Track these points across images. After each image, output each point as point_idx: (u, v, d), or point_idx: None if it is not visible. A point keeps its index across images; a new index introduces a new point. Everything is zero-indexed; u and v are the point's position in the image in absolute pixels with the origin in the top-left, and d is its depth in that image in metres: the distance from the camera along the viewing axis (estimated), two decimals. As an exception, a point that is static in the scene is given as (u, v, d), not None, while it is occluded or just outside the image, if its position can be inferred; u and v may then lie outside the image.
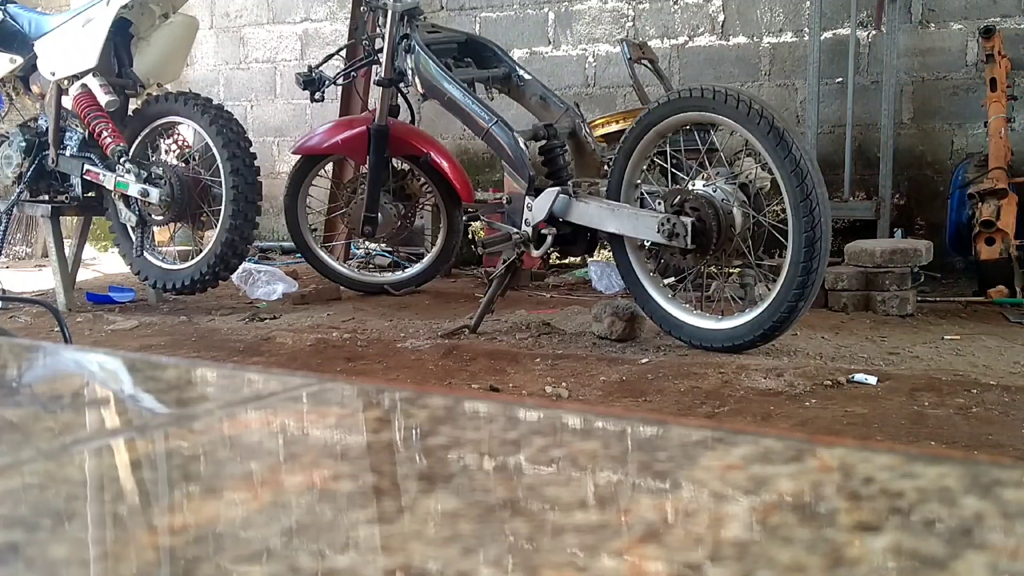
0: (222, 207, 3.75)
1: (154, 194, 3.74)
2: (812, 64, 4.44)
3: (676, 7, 4.94)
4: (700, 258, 2.96)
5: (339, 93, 5.15)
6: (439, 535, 0.40)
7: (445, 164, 4.02)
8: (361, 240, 4.51)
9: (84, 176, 3.94)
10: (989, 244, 3.76)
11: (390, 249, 4.73)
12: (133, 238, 3.94)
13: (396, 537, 0.40)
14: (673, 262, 3.05)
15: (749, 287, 3.30)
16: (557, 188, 3.13)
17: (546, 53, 5.22)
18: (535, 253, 3.25)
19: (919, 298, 3.69)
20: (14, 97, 4.30)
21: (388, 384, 0.67)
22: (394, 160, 4.05)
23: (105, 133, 3.79)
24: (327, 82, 3.95)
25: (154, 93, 4.04)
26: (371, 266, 4.80)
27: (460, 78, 3.44)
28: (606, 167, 3.24)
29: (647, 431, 0.56)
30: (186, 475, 0.49)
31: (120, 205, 3.91)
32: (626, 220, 3.02)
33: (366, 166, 3.94)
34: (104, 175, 3.85)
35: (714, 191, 2.90)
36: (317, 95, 3.96)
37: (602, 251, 4.27)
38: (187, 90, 4.17)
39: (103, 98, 3.81)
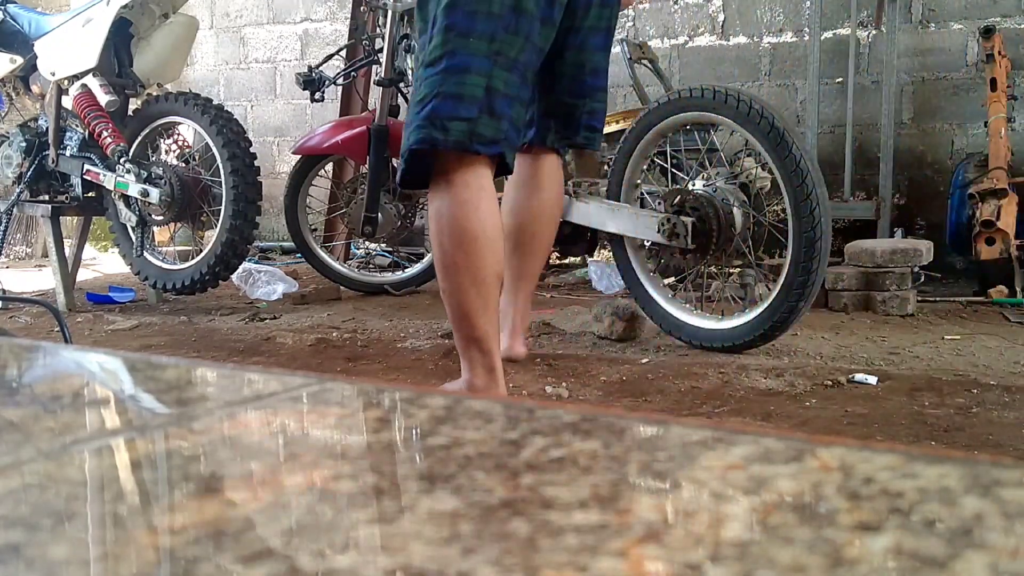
0: (222, 207, 3.75)
1: (154, 194, 3.74)
2: (812, 64, 4.44)
3: (676, 7, 4.93)
4: (700, 258, 2.96)
5: (339, 93, 5.15)
6: (439, 535, 0.40)
7: (445, 164, 4.02)
8: (361, 240, 4.51)
9: (84, 176, 3.94)
10: (989, 244, 3.77)
11: (390, 249, 4.73)
12: (133, 238, 3.94)
13: (396, 537, 0.40)
14: (673, 262, 3.04)
15: (749, 287, 3.30)
16: (557, 188, 3.13)
17: (546, 53, 5.21)
18: (535, 253, 3.25)
19: (919, 298, 3.69)
20: (14, 97, 4.30)
21: (388, 384, 0.67)
22: (394, 160, 4.05)
23: (105, 133, 3.79)
24: (327, 82, 3.96)
25: (154, 93, 4.05)
26: (371, 266, 4.80)
27: (460, 78, 3.43)
28: (606, 167, 3.24)
29: (647, 431, 0.56)
30: (186, 475, 0.49)
31: (120, 205, 3.91)
32: (626, 220, 3.02)
33: (366, 166, 3.94)
34: (104, 175, 3.85)
35: (714, 191, 2.90)
36: (317, 95, 3.96)
37: (602, 251, 4.27)
38: (187, 90, 4.17)
39: (103, 98, 3.82)
